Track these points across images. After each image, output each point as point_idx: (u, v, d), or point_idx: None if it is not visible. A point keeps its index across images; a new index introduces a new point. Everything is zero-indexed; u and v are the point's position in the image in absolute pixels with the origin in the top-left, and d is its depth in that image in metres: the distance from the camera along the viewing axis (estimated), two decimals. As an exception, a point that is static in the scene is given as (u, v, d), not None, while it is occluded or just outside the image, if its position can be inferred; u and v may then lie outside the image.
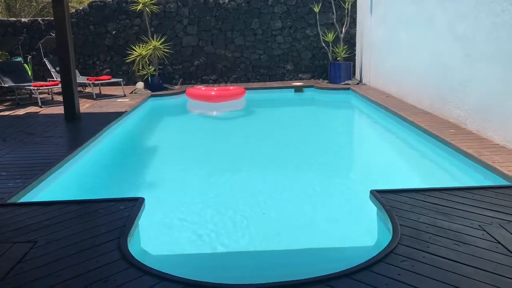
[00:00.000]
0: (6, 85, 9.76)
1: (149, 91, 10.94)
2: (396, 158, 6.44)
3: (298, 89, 11.41)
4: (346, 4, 11.35)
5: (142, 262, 2.91)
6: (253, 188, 5.21)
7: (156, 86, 11.13)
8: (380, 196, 3.81)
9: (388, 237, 3.26)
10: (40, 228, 3.41)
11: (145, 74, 11.07)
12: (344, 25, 11.53)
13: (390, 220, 3.38)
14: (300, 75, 12.40)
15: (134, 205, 3.78)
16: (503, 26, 5.37)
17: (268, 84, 11.97)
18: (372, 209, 3.87)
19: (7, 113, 8.52)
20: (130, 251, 3.03)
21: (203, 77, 12.33)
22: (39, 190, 4.58)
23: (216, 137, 8.01)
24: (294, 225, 4.21)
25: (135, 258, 2.91)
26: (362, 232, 3.98)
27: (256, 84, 11.96)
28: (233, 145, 7.43)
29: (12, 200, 4.07)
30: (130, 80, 11.98)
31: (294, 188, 5.16)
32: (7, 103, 9.67)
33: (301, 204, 4.72)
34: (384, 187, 4.80)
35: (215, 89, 10.47)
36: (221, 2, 11.96)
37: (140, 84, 11.28)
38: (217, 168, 6.10)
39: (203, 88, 10.59)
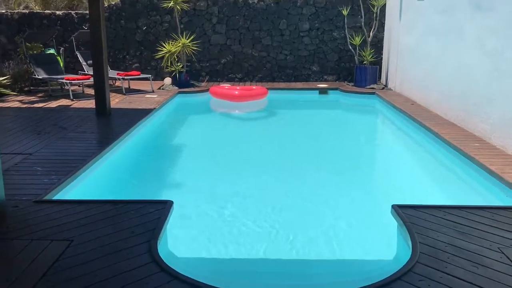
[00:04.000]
0: (40, 77, 10.10)
1: (176, 88, 11.15)
2: (418, 169, 6.50)
3: (323, 91, 11.48)
4: (375, 8, 11.33)
5: (171, 265, 3.09)
6: (274, 193, 5.35)
7: (183, 82, 11.33)
8: (401, 212, 3.90)
9: (407, 253, 3.37)
10: (76, 227, 3.62)
11: (173, 71, 11.28)
12: (372, 29, 11.52)
13: (410, 237, 3.48)
14: (326, 77, 12.45)
15: (164, 207, 3.96)
16: (533, 44, 5.37)
17: (293, 84, 12.06)
18: (392, 222, 3.97)
19: (40, 105, 8.82)
20: (160, 254, 3.21)
21: (229, 75, 12.49)
22: (72, 187, 4.80)
23: (239, 138, 8.17)
24: (314, 234, 4.33)
25: (164, 263, 3.09)
26: (382, 246, 4.08)
27: (281, 84, 12.06)
28: (255, 146, 7.57)
29: (48, 196, 4.29)
30: (158, 75, 12.22)
31: (314, 195, 5.28)
32: (40, 94, 10.00)
33: (321, 212, 4.83)
34: (405, 199, 4.91)
35: (238, 88, 10.63)
36: (250, 2, 12.09)
37: (167, 80, 11.50)
38: (240, 169, 6.26)
39: (226, 87, 10.75)
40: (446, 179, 5.97)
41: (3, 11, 12.97)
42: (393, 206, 4.02)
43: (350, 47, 11.68)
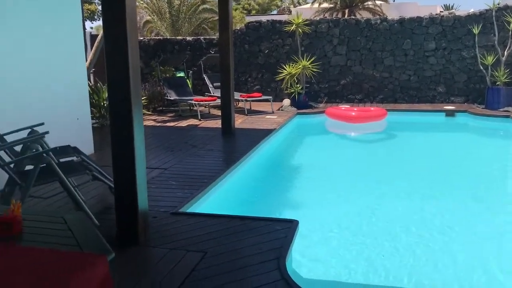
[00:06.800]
0: (171, 98, 10.93)
1: (295, 109, 11.33)
2: None
3: (450, 113, 10.85)
4: (511, 25, 10.51)
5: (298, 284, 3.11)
6: (398, 218, 5.15)
7: (302, 103, 11.48)
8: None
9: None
10: (209, 239, 3.82)
11: (292, 92, 11.49)
12: (507, 48, 10.69)
13: None
14: (452, 99, 11.77)
15: (290, 227, 4.02)
16: None
17: (416, 106, 11.59)
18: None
19: (171, 124, 9.54)
20: (289, 273, 3.25)
21: (349, 96, 12.40)
22: (203, 201, 5.08)
23: (356, 159, 8.03)
24: (450, 266, 4.08)
25: (293, 281, 3.12)
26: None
27: (403, 106, 11.67)
28: (371, 168, 7.37)
29: (183, 209, 4.59)
30: (277, 97, 12.53)
31: (446, 226, 4.97)
32: (171, 114, 10.81)
33: (456, 245, 4.52)
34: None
35: (355, 109, 10.49)
36: (373, 22, 11.95)
37: (286, 101, 11.75)
38: (359, 191, 6.13)
39: (343, 108, 10.67)
40: None
41: (141, 38, 14.34)
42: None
43: (481, 67, 10.93)
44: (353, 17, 14.62)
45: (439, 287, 3.76)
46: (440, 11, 23.65)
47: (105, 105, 8.34)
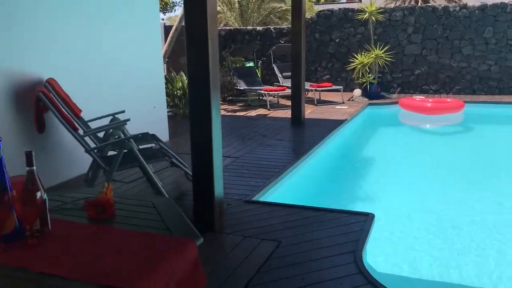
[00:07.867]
0: (241, 88, 11.03)
1: (366, 99, 11.06)
2: None
3: (535, 106, 10.14)
4: None
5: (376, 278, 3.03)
6: (480, 214, 4.89)
7: (374, 94, 11.18)
8: None
9: None
10: (282, 229, 3.82)
11: (364, 82, 11.22)
12: None
13: None
14: (538, 90, 10.99)
15: (365, 220, 3.94)
16: None
17: (497, 98, 10.92)
18: None
19: (242, 113, 9.63)
20: (366, 267, 3.18)
21: (423, 87, 11.91)
22: (274, 190, 5.09)
23: (431, 152, 7.71)
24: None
25: (371, 275, 3.05)
26: None
27: (482, 97, 11.04)
28: (448, 162, 7.04)
29: (255, 198, 4.63)
30: (348, 87, 12.28)
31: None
32: (240, 104, 10.92)
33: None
34: None
35: (431, 100, 10.08)
36: (451, 9, 11.36)
37: (357, 92, 11.49)
38: (436, 185, 5.88)
39: (417, 99, 10.29)
40: None
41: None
42: None
43: None
44: (430, 4, 13.97)
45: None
46: (525, -4, 22.12)
47: (179, 94, 8.55)
